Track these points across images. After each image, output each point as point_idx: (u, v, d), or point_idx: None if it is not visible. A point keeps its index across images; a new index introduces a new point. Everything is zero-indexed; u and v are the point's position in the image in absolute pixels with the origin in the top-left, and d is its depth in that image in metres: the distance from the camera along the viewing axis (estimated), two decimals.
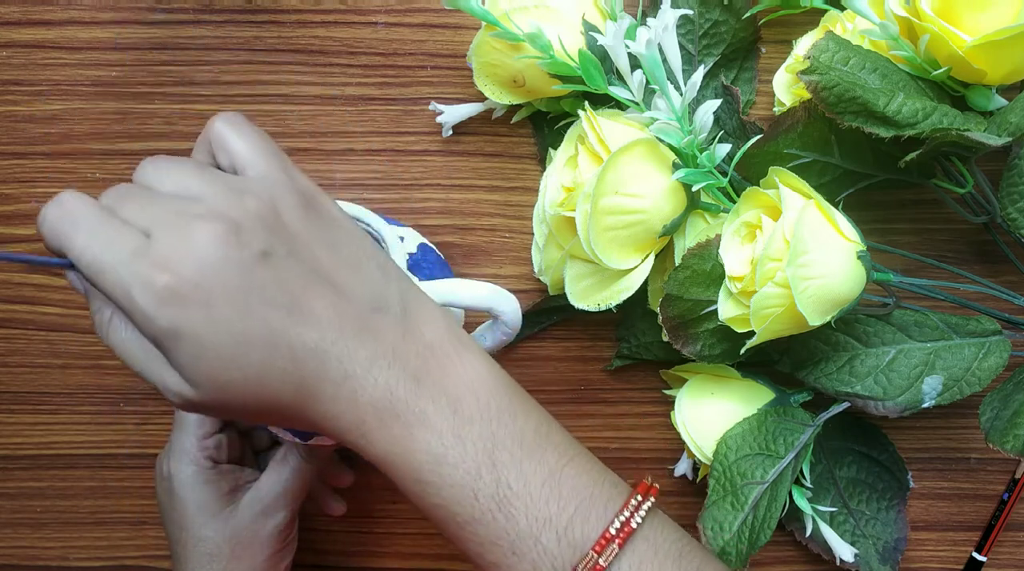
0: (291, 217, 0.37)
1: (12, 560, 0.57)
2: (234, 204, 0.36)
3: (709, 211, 0.47)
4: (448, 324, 0.40)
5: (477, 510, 0.38)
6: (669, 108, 0.44)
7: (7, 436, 0.56)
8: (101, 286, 0.35)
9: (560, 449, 0.39)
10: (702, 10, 0.50)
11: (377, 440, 0.37)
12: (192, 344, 0.35)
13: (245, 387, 0.36)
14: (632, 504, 0.39)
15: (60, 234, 0.35)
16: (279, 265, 0.36)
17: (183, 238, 0.35)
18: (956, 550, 0.55)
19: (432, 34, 0.53)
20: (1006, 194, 0.46)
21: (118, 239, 0.34)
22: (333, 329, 0.36)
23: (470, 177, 0.53)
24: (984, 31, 0.41)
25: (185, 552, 0.47)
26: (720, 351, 0.47)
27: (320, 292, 0.37)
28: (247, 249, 0.35)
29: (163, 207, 0.35)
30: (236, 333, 0.35)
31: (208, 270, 0.34)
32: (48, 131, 0.54)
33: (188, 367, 0.35)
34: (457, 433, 0.38)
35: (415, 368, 0.38)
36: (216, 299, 0.35)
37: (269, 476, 0.48)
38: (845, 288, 0.43)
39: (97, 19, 0.53)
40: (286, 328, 0.36)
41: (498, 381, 0.39)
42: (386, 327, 0.38)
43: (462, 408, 0.38)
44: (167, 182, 0.37)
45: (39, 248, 0.54)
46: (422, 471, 0.37)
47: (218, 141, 0.38)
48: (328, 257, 0.37)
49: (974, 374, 0.46)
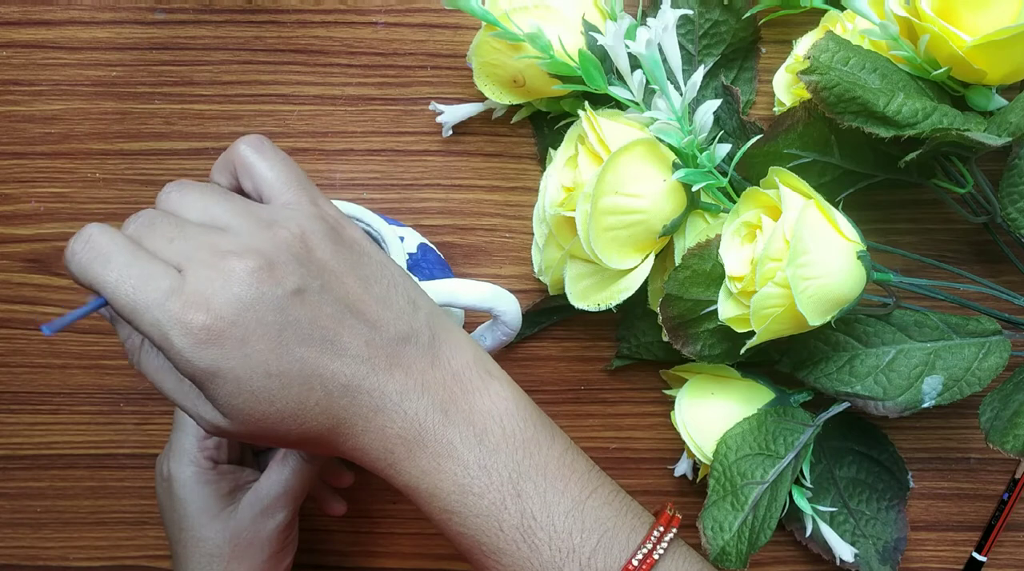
0: (321, 249, 0.37)
1: (12, 560, 0.57)
2: (265, 237, 0.36)
3: (709, 211, 0.47)
4: (474, 352, 0.40)
5: (502, 540, 0.38)
6: (669, 108, 0.44)
7: (7, 436, 0.56)
8: (137, 325, 0.35)
9: (584, 479, 0.40)
10: (702, 10, 0.50)
11: (405, 471, 0.38)
12: (229, 382, 0.35)
13: (280, 422, 0.36)
14: (654, 536, 0.40)
15: (90, 273, 0.35)
16: (312, 301, 0.36)
17: (217, 275, 0.34)
18: (956, 550, 0.55)
19: (432, 34, 0.53)
20: (1006, 194, 0.46)
21: (151, 277, 0.34)
22: (365, 364, 0.37)
23: (470, 177, 0.53)
24: (984, 31, 0.41)
25: (185, 552, 0.47)
26: (720, 351, 0.47)
27: (352, 326, 0.37)
28: (281, 286, 0.35)
29: (193, 241, 0.35)
30: (272, 370, 0.35)
31: (244, 308, 0.35)
32: (48, 131, 0.54)
33: (224, 403, 0.35)
34: (483, 464, 0.38)
35: (442, 399, 0.38)
36: (252, 337, 0.35)
37: (269, 476, 0.48)
38: (845, 288, 0.43)
39: (97, 19, 0.53)
40: (320, 364, 0.36)
41: (522, 410, 0.40)
42: (415, 358, 0.38)
43: (487, 438, 0.39)
44: (193, 210, 0.37)
45: (39, 248, 0.54)
46: (448, 501, 0.38)
47: (243, 167, 0.38)
48: (358, 289, 0.38)
49: (974, 374, 0.46)
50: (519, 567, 0.38)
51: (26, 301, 0.55)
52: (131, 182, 0.54)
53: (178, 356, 0.34)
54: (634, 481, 0.55)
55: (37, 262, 0.54)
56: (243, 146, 0.38)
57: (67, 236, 0.54)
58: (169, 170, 0.54)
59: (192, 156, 0.54)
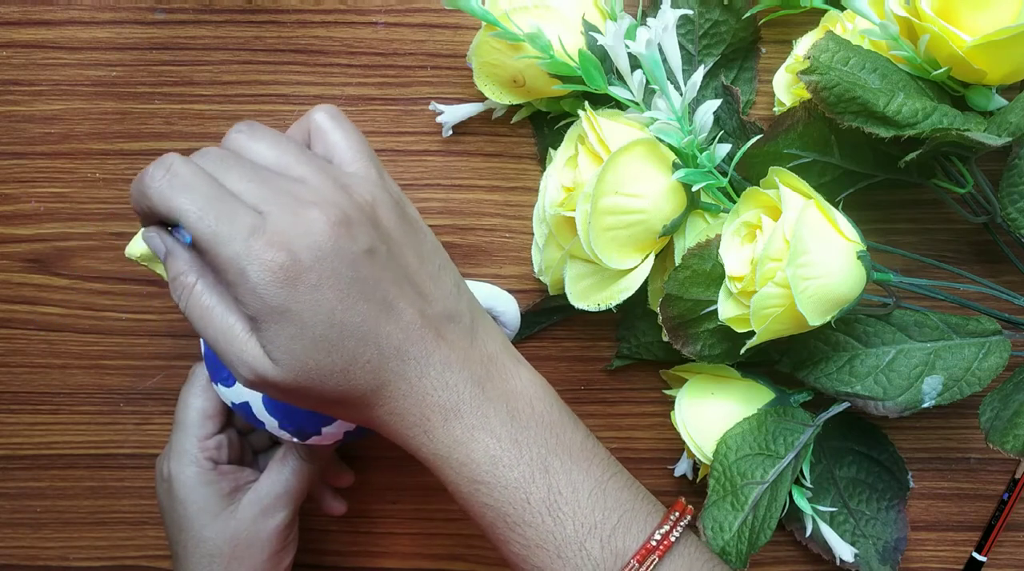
0: (388, 219, 0.39)
1: (12, 560, 0.57)
2: (342, 196, 0.37)
3: (709, 211, 0.47)
4: (504, 340, 0.43)
5: (528, 512, 0.40)
6: (669, 108, 0.44)
7: (7, 436, 0.56)
8: (214, 256, 0.36)
9: (604, 463, 0.42)
10: (702, 10, 0.50)
11: (438, 439, 0.39)
12: (294, 325, 0.36)
13: (331, 374, 0.37)
14: (672, 519, 0.41)
15: (171, 199, 0.36)
16: (380, 263, 0.38)
17: (299, 221, 0.36)
18: (956, 550, 0.55)
19: (432, 34, 0.53)
20: (1006, 194, 0.46)
21: (234, 213, 0.36)
22: (416, 330, 0.39)
23: (470, 177, 0.53)
24: (984, 31, 0.41)
25: (185, 552, 0.47)
26: (720, 351, 0.47)
27: (409, 294, 0.39)
28: (356, 243, 0.37)
29: (272, 186, 0.37)
30: (335, 321, 0.37)
31: (322, 256, 0.36)
32: (48, 131, 0.54)
33: (281, 347, 0.36)
34: (515, 438, 0.40)
35: (480, 376, 0.40)
36: (324, 284, 0.36)
37: (269, 476, 0.48)
38: (845, 288, 0.43)
39: (97, 19, 0.53)
40: (379, 323, 0.38)
41: (549, 395, 0.42)
42: (458, 336, 0.40)
43: (519, 416, 0.40)
44: (267, 155, 0.38)
45: (39, 248, 0.54)
46: (479, 471, 0.40)
47: (318, 131, 0.40)
48: (416, 263, 0.40)
49: (974, 374, 0.46)
50: (542, 540, 0.40)
51: (26, 301, 0.55)
52: (131, 182, 0.54)
53: (251, 292, 0.35)
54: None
55: (37, 262, 0.54)
56: (321, 113, 0.40)
57: (67, 236, 0.54)
58: None
59: None
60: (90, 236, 0.54)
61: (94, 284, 0.54)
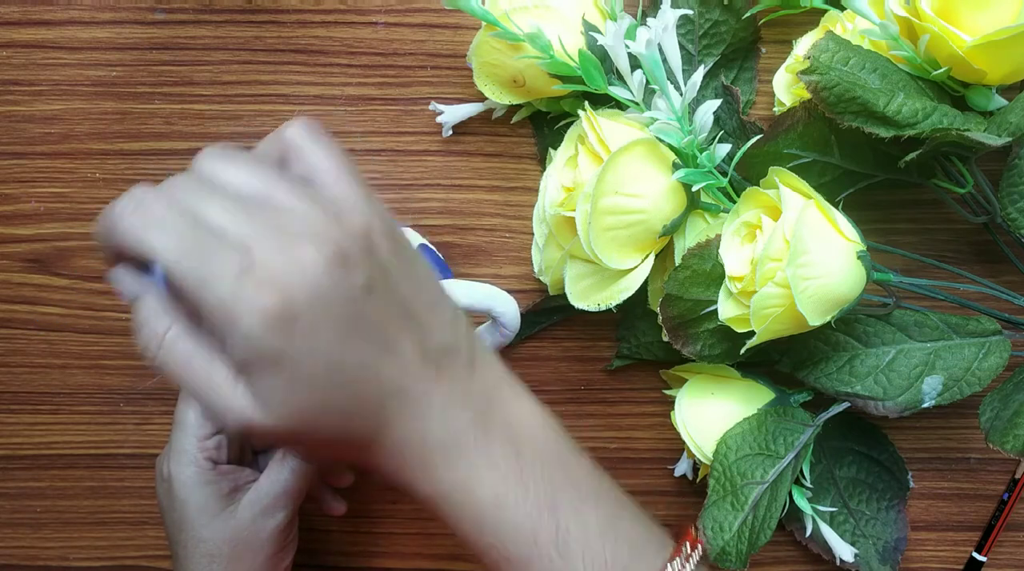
0: (383, 246, 0.35)
1: (12, 560, 0.57)
2: (334, 227, 0.34)
3: (709, 211, 0.47)
4: (502, 367, 0.40)
5: (535, 552, 0.38)
6: (669, 108, 0.44)
7: (7, 436, 0.56)
8: (198, 300, 0.32)
9: (611, 495, 0.40)
10: (702, 10, 0.50)
11: (440, 479, 0.37)
12: (288, 371, 0.33)
13: (327, 418, 0.35)
14: (684, 553, 0.40)
15: (144, 239, 0.32)
16: (379, 299, 0.35)
17: (291, 259, 0.32)
18: (956, 550, 0.55)
19: (432, 34, 0.53)
20: (1006, 194, 0.46)
21: (218, 251, 0.32)
22: (416, 367, 0.36)
23: (470, 177, 0.53)
24: (984, 31, 0.41)
25: (185, 553, 0.47)
26: (720, 351, 0.47)
27: (407, 329, 0.36)
28: (354, 279, 0.33)
29: (258, 219, 0.33)
30: (333, 365, 0.34)
31: (318, 296, 0.33)
32: (48, 131, 0.54)
33: (274, 395, 0.33)
34: (520, 475, 0.38)
35: (482, 410, 0.38)
36: (321, 328, 0.33)
37: (269, 476, 0.48)
38: (845, 288, 0.43)
39: (97, 19, 0.53)
40: (378, 363, 0.35)
41: (550, 426, 0.40)
42: (458, 368, 0.38)
43: (524, 451, 0.38)
44: (246, 183, 0.34)
45: (39, 248, 0.54)
46: (483, 511, 0.38)
47: (296, 150, 0.36)
48: (412, 293, 0.36)
49: (974, 374, 0.46)
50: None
51: (26, 301, 0.55)
52: (131, 182, 0.53)
53: (242, 340, 0.32)
54: (634, 481, 0.55)
55: (37, 262, 0.54)
56: (294, 129, 0.36)
57: (67, 236, 0.54)
58: (169, 170, 0.53)
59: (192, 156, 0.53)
60: (90, 236, 0.54)
61: (94, 284, 0.54)
